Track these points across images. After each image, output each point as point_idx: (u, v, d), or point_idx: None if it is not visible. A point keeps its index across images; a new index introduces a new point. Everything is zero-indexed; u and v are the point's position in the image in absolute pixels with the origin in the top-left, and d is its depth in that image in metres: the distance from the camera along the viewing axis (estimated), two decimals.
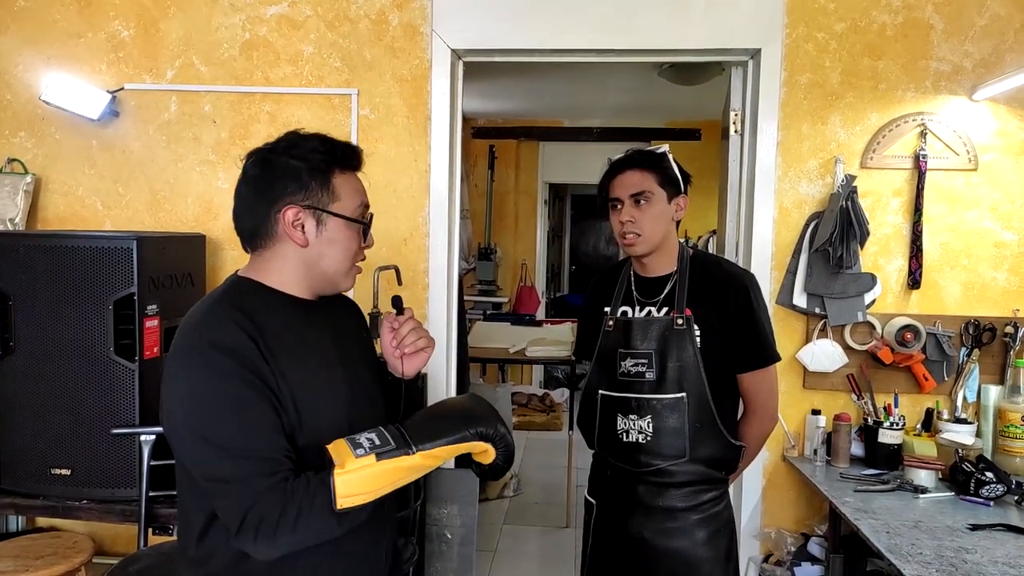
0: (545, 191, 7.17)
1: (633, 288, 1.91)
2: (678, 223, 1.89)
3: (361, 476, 1.15)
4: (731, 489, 2.69)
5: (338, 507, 1.14)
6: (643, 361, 1.80)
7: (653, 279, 1.89)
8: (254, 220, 1.29)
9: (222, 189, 2.81)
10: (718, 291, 1.82)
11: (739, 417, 1.92)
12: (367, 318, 1.78)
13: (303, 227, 1.27)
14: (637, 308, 1.88)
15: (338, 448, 1.17)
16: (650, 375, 1.79)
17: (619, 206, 1.83)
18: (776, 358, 1.87)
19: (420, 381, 1.50)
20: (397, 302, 1.43)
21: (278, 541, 1.14)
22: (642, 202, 1.79)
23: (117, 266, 2.21)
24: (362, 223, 1.34)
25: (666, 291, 1.85)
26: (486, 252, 6.56)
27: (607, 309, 1.92)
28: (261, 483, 1.14)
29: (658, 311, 1.84)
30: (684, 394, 1.78)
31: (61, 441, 2.26)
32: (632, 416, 1.81)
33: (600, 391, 1.89)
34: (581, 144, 6.63)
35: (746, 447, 1.88)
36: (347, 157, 1.32)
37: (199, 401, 1.17)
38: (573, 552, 3.70)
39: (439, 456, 1.21)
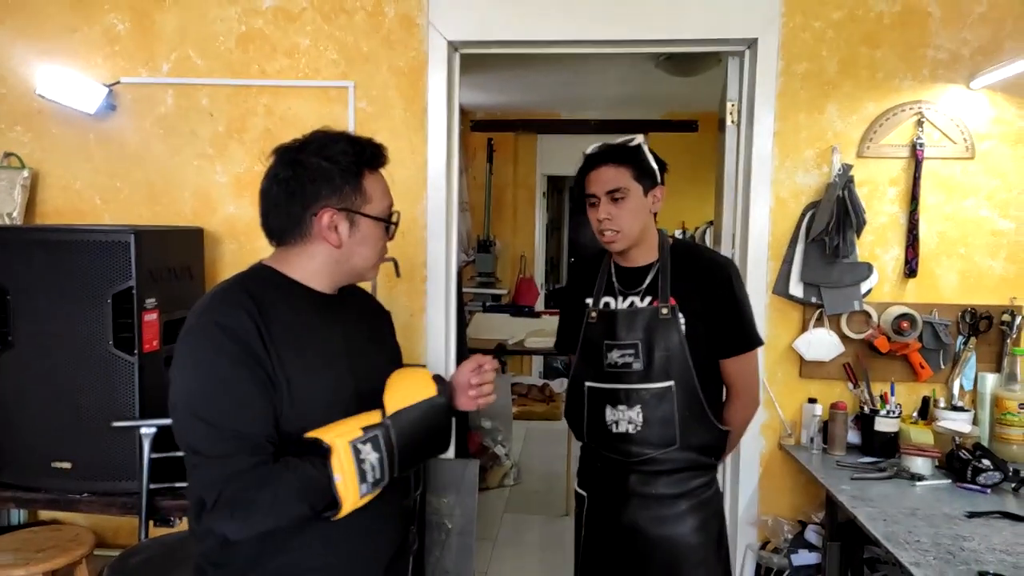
0: (543, 183, 7.17)
1: (614, 279, 1.91)
2: (655, 214, 1.88)
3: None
4: (727, 477, 2.74)
5: (335, 517, 1.23)
6: (630, 352, 1.81)
7: (634, 269, 1.89)
8: (286, 221, 1.33)
9: (220, 182, 2.81)
10: (701, 279, 1.83)
11: (723, 401, 1.94)
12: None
13: (337, 229, 1.32)
14: (620, 299, 1.88)
15: (343, 463, 1.21)
16: (637, 365, 1.80)
17: (596, 202, 1.82)
18: (759, 342, 1.88)
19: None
20: (501, 350, 1.54)
21: (251, 521, 1.18)
22: (619, 199, 1.79)
23: (115, 260, 2.22)
24: (391, 223, 1.40)
25: (648, 281, 1.85)
26: (485, 244, 6.57)
27: (588, 301, 1.92)
28: (241, 462, 1.17)
29: (641, 301, 1.84)
30: (672, 383, 1.80)
31: (62, 434, 2.26)
32: (622, 407, 1.82)
33: (587, 383, 1.90)
34: (579, 136, 6.61)
35: (732, 431, 1.91)
36: (375, 157, 1.37)
37: (197, 377, 1.22)
38: (573, 540, 3.71)
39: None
